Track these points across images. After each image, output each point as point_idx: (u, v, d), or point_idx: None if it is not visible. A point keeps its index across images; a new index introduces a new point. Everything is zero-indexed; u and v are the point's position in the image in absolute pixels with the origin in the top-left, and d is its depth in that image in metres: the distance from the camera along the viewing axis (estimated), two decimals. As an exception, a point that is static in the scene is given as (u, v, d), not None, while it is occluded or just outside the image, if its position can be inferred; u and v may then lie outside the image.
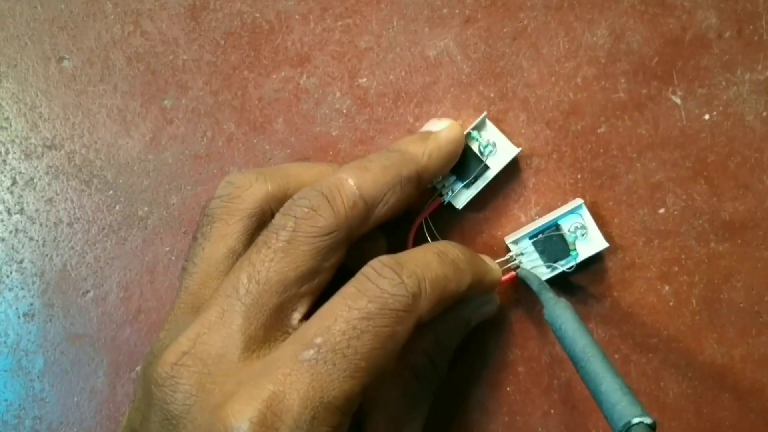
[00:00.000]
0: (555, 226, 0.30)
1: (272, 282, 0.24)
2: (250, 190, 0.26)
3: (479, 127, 0.30)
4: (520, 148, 0.30)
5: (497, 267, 0.29)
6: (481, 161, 0.30)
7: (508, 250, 0.30)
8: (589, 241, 0.30)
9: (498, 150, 0.30)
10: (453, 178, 0.30)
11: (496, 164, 0.30)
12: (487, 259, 0.29)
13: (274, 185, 0.26)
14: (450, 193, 0.30)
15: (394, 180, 0.26)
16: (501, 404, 0.31)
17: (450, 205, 0.31)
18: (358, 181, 0.26)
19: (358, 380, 0.22)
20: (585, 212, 0.30)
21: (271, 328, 0.24)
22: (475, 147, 0.30)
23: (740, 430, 0.30)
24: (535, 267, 0.30)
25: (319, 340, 0.22)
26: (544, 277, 0.30)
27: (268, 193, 0.26)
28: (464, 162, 0.30)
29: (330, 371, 0.22)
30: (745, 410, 0.30)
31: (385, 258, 0.24)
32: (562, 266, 0.30)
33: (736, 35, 0.31)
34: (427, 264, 0.25)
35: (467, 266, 0.26)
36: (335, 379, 0.22)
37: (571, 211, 0.30)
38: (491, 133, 0.30)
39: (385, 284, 0.24)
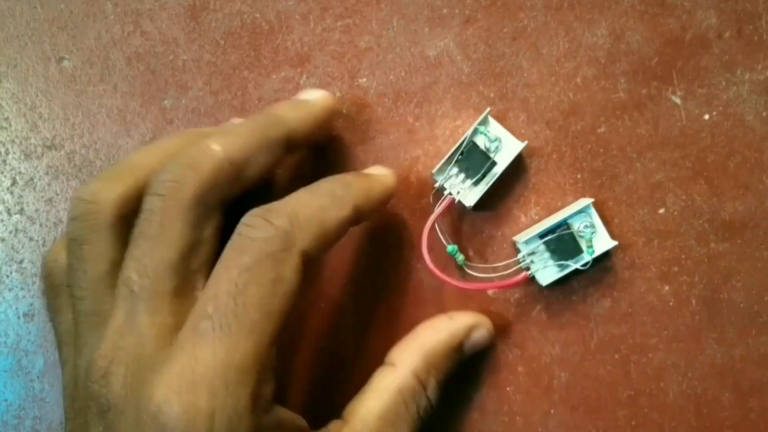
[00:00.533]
0: (565, 225, 0.30)
1: (161, 269, 0.24)
2: (102, 199, 0.25)
3: (483, 124, 0.30)
4: (525, 142, 0.30)
5: (386, 172, 0.29)
6: (489, 158, 0.30)
7: (518, 250, 0.30)
8: (598, 240, 0.30)
9: (504, 145, 0.30)
10: (462, 176, 0.30)
11: (503, 159, 0.30)
12: (375, 169, 0.29)
13: (123, 185, 0.25)
14: (460, 192, 0.30)
15: (262, 141, 0.26)
16: (501, 404, 0.31)
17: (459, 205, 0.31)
18: (223, 145, 0.25)
19: (257, 335, 0.23)
20: (593, 212, 0.30)
21: (177, 313, 0.24)
22: (481, 144, 0.30)
23: (740, 430, 0.30)
24: (546, 266, 0.30)
25: (210, 309, 0.23)
26: (555, 277, 0.30)
27: (121, 195, 0.25)
28: (472, 159, 0.30)
29: (227, 335, 0.22)
30: (745, 410, 0.30)
31: (254, 210, 0.24)
32: (576, 264, 0.29)
33: (736, 35, 0.31)
34: (297, 200, 0.25)
35: (345, 191, 0.26)
36: (234, 342, 0.22)
37: (580, 211, 0.30)
38: (495, 129, 0.30)
39: (256, 233, 0.24)
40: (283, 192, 0.26)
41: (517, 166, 0.31)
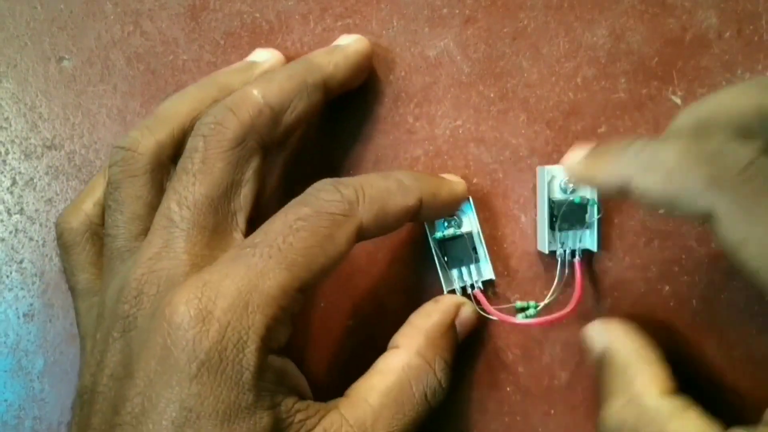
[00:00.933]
0: (553, 203, 0.30)
1: (201, 203, 0.25)
2: (141, 147, 0.27)
3: (431, 224, 0.30)
4: (469, 197, 0.30)
5: (458, 180, 0.30)
6: (461, 236, 0.30)
7: (551, 252, 0.30)
8: (584, 188, 0.30)
9: (460, 214, 0.30)
10: (465, 269, 0.30)
11: (471, 223, 0.30)
12: (449, 176, 0.30)
13: (160, 133, 0.27)
14: (476, 281, 0.30)
15: (300, 87, 0.27)
16: (501, 404, 0.31)
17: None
18: (263, 91, 0.27)
19: (293, 273, 0.23)
20: (554, 169, 0.29)
21: (215, 247, 0.25)
22: (449, 232, 0.30)
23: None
24: (581, 238, 0.30)
25: (257, 239, 0.24)
26: (596, 237, 0.29)
27: (158, 143, 0.27)
28: (456, 251, 0.30)
29: (265, 262, 0.23)
30: (745, 410, 0.30)
31: (326, 179, 0.26)
32: (596, 216, 0.29)
33: (736, 35, 0.31)
34: (367, 179, 0.26)
35: (413, 182, 0.27)
36: (270, 270, 0.23)
37: (548, 183, 0.29)
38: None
39: (322, 194, 0.25)
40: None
41: (518, 165, 0.31)
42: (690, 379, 0.30)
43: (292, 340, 0.25)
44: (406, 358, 0.27)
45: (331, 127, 0.32)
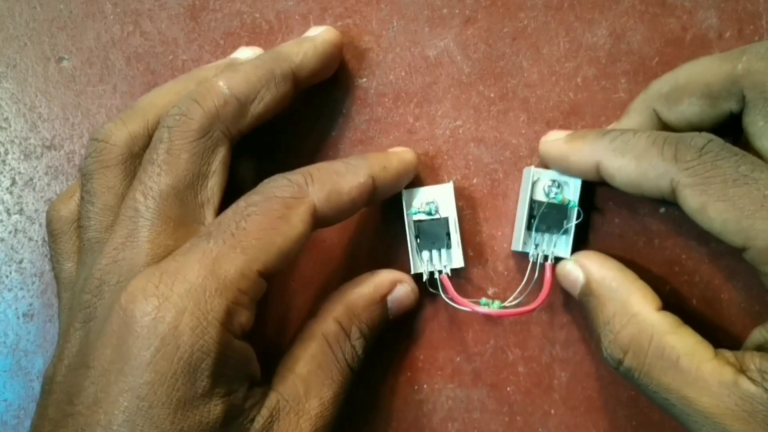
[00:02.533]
0: (535, 203, 0.30)
1: (166, 194, 0.25)
2: (113, 138, 0.27)
3: (409, 202, 0.30)
4: (451, 182, 0.30)
5: (405, 149, 0.30)
6: (438, 218, 0.30)
7: (524, 253, 0.30)
8: (568, 187, 0.30)
9: (439, 200, 0.30)
10: (435, 253, 0.30)
11: (448, 210, 0.30)
12: (396, 149, 0.30)
13: (134, 125, 0.27)
14: (445, 266, 0.30)
15: (267, 77, 0.27)
16: (501, 404, 0.31)
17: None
18: (228, 81, 0.27)
19: (250, 255, 0.24)
20: (542, 170, 0.29)
21: (180, 239, 0.25)
22: (422, 217, 0.30)
23: (740, 431, 0.30)
24: (558, 243, 0.29)
25: (212, 228, 0.24)
26: (569, 244, 0.29)
27: (131, 135, 0.27)
28: (430, 233, 0.30)
29: (220, 248, 0.24)
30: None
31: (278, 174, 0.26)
32: (573, 221, 0.29)
33: (737, 35, 0.31)
34: (315, 165, 0.27)
35: (361, 161, 0.27)
36: (225, 254, 0.23)
37: (533, 182, 0.29)
38: (421, 195, 0.30)
39: (272, 183, 0.26)
40: None
41: (518, 165, 0.31)
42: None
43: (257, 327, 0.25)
44: (324, 324, 0.27)
45: (331, 126, 0.32)
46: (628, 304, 0.27)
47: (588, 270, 0.28)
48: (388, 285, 0.29)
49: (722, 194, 0.24)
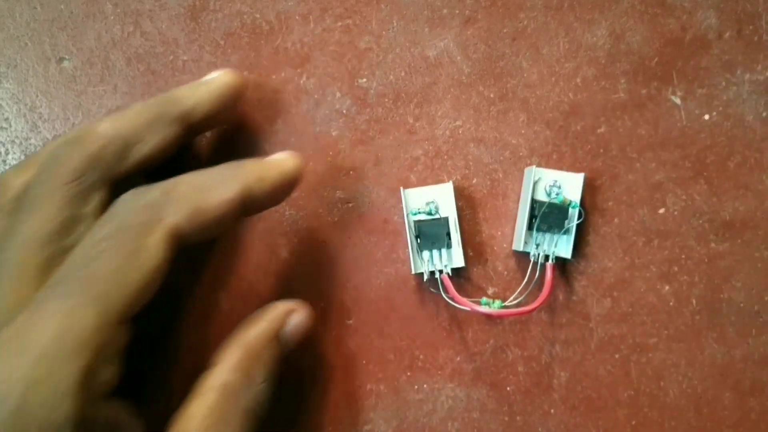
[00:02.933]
0: (536, 202, 0.30)
1: (30, 240, 0.23)
2: (7, 184, 0.26)
3: (408, 203, 0.30)
4: (450, 181, 0.30)
5: (286, 156, 0.27)
6: (438, 218, 0.30)
7: (525, 253, 0.30)
8: (569, 189, 0.30)
9: (439, 200, 0.30)
10: (436, 252, 0.30)
11: (448, 210, 0.30)
12: (277, 154, 0.28)
13: (29, 171, 0.26)
14: (446, 266, 0.30)
15: (154, 120, 0.26)
16: (501, 404, 0.31)
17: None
18: (112, 124, 0.25)
19: (104, 306, 0.21)
20: (543, 170, 0.30)
21: (40, 286, 0.23)
22: (423, 217, 0.30)
23: (740, 430, 0.30)
24: (559, 243, 0.30)
25: (60, 274, 0.22)
26: (571, 244, 0.29)
27: (24, 182, 0.25)
28: (430, 233, 0.30)
29: (68, 302, 0.21)
30: (745, 410, 0.30)
31: (135, 188, 0.24)
32: (575, 221, 0.29)
33: (736, 35, 0.31)
34: (178, 178, 0.25)
35: (232, 172, 0.25)
36: (77, 308, 0.21)
37: (534, 182, 0.30)
38: (421, 195, 0.30)
39: (124, 206, 0.24)
40: None
41: (518, 166, 0.31)
42: (690, 379, 0.30)
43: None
44: (224, 375, 0.25)
45: (331, 126, 0.32)
46: None
47: None
48: (282, 317, 0.27)
49: None
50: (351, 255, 0.32)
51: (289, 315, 0.28)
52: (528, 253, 0.30)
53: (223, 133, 0.32)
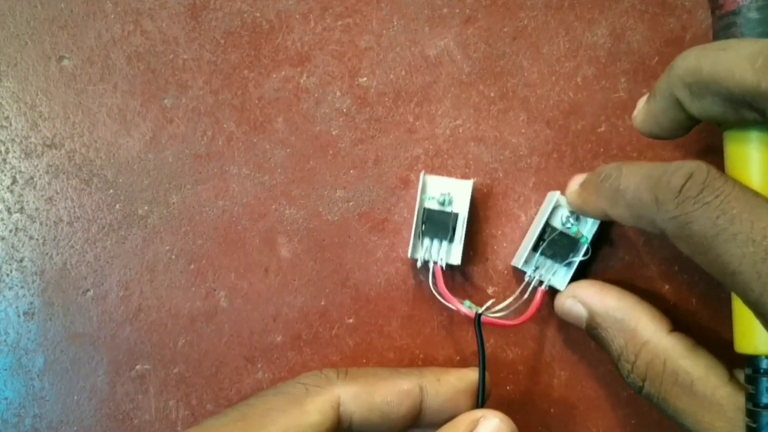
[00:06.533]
0: (549, 227, 0.29)
1: None
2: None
3: (425, 189, 0.30)
4: (472, 180, 0.30)
5: (468, 369, 0.28)
6: (448, 213, 0.30)
7: (522, 272, 0.30)
8: (585, 222, 0.29)
9: (455, 195, 0.30)
10: (437, 242, 0.30)
11: (461, 206, 0.30)
12: (462, 369, 0.28)
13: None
14: (442, 258, 0.30)
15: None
16: (501, 403, 0.31)
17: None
18: None
19: (245, 429, 0.23)
20: (562, 199, 0.29)
21: None
22: (434, 206, 0.30)
23: (740, 430, 0.30)
24: (555, 272, 0.29)
25: (231, 408, 0.25)
26: (568, 277, 0.29)
27: None
28: (437, 222, 0.30)
29: (218, 422, 0.24)
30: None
31: None
32: (579, 257, 0.29)
33: (736, 35, 0.31)
34: (359, 368, 0.27)
35: (410, 371, 0.26)
36: (222, 426, 0.24)
37: (553, 207, 0.29)
38: (439, 184, 0.30)
39: (304, 374, 0.26)
40: None
41: (518, 165, 0.31)
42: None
43: None
44: None
45: (331, 126, 0.32)
46: (637, 332, 0.26)
47: (589, 304, 0.28)
48: (470, 423, 0.25)
49: (703, 249, 0.22)
50: (351, 254, 0.32)
51: (476, 422, 0.25)
52: (524, 273, 0.30)
53: (224, 133, 0.32)
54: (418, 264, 0.30)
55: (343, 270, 0.32)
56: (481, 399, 0.27)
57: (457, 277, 0.31)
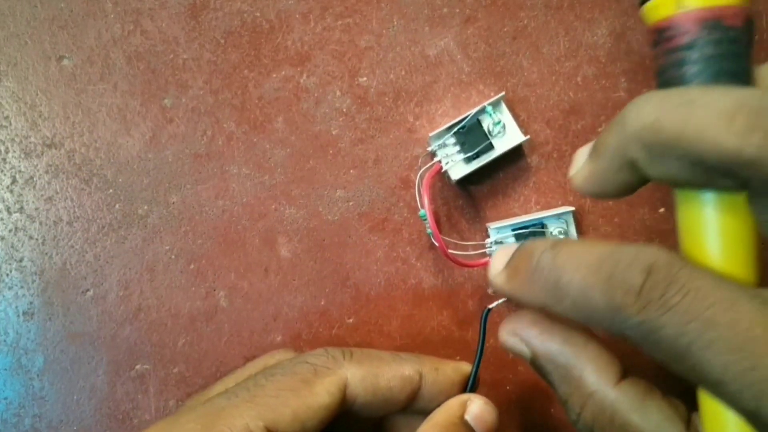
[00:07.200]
0: (541, 225, 0.30)
1: None
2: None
3: (494, 105, 0.30)
4: (527, 137, 0.30)
5: (463, 362, 0.28)
6: (488, 139, 0.30)
7: (488, 236, 0.31)
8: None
9: (506, 133, 0.30)
10: (457, 148, 0.30)
11: (501, 146, 0.30)
12: (458, 361, 0.28)
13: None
14: (449, 163, 0.30)
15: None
16: (501, 403, 0.31)
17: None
18: None
19: (257, 411, 0.23)
20: (571, 220, 0.30)
21: None
22: (485, 124, 0.30)
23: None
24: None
25: (232, 387, 0.24)
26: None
27: None
28: (471, 136, 0.30)
29: (231, 401, 0.23)
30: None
31: None
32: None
33: (736, 35, 0.31)
34: (362, 348, 0.26)
35: (410, 357, 0.26)
36: (234, 407, 0.23)
37: (559, 216, 0.30)
38: (504, 115, 0.30)
39: (310, 352, 0.26)
40: None
41: (518, 164, 0.31)
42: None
43: None
44: None
45: (331, 125, 0.32)
46: (582, 382, 0.23)
47: (530, 344, 0.25)
48: (459, 406, 0.26)
49: (676, 357, 0.18)
50: (351, 254, 0.32)
51: (465, 403, 0.26)
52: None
53: (224, 133, 0.32)
54: (429, 148, 0.30)
55: (343, 270, 0.32)
56: (471, 385, 0.27)
57: (457, 274, 0.31)
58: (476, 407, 0.26)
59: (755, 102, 0.17)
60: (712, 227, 0.20)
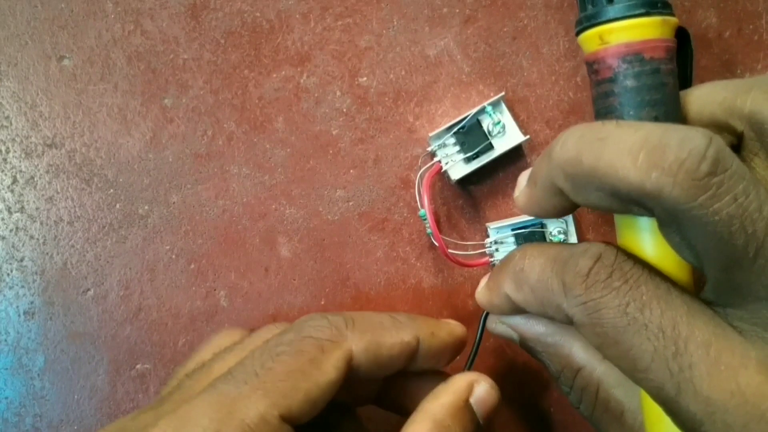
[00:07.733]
0: (540, 224, 0.30)
1: None
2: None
3: (494, 106, 0.30)
4: (527, 137, 0.30)
5: (459, 324, 0.28)
6: (488, 139, 0.30)
7: (488, 236, 0.31)
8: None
9: (506, 133, 0.30)
10: (456, 148, 0.30)
11: (500, 146, 0.30)
12: (450, 321, 0.28)
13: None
14: (449, 163, 0.30)
15: None
16: (500, 402, 0.31)
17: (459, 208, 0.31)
18: None
19: (272, 399, 0.22)
20: (571, 220, 0.30)
21: None
22: (485, 124, 0.30)
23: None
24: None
25: (235, 369, 0.23)
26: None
27: None
28: (470, 136, 0.30)
29: (241, 389, 0.22)
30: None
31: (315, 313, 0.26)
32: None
33: (736, 34, 0.31)
34: (358, 312, 0.26)
35: (408, 320, 0.26)
36: (246, 396, 0.22)
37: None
38: (504, 115, 0.30)
39: (308, 321, 0.25)
40: None
41: (518, 164, 0.31)
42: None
43: None
44: None
45: (331, 125, 0.32)
46: (571, 359, 0.25)
47: (517, 329, 0.27)
48: (466, 388, 0.26)
49: (612, 341, 0.20)
50: (351, 254, 0.32)
51: (473, 385, 0.26)
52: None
53: (224, 133, 0.32)
54: (429, 148, 0.30)
55: (343, 270, 0.32)
56: (471, 363, 0.28)
57: (455, 272, 0.31)
58: (482, 390, 0.26)
59: (656, 139, 0.19)
60: (646, 244, 0.22)
